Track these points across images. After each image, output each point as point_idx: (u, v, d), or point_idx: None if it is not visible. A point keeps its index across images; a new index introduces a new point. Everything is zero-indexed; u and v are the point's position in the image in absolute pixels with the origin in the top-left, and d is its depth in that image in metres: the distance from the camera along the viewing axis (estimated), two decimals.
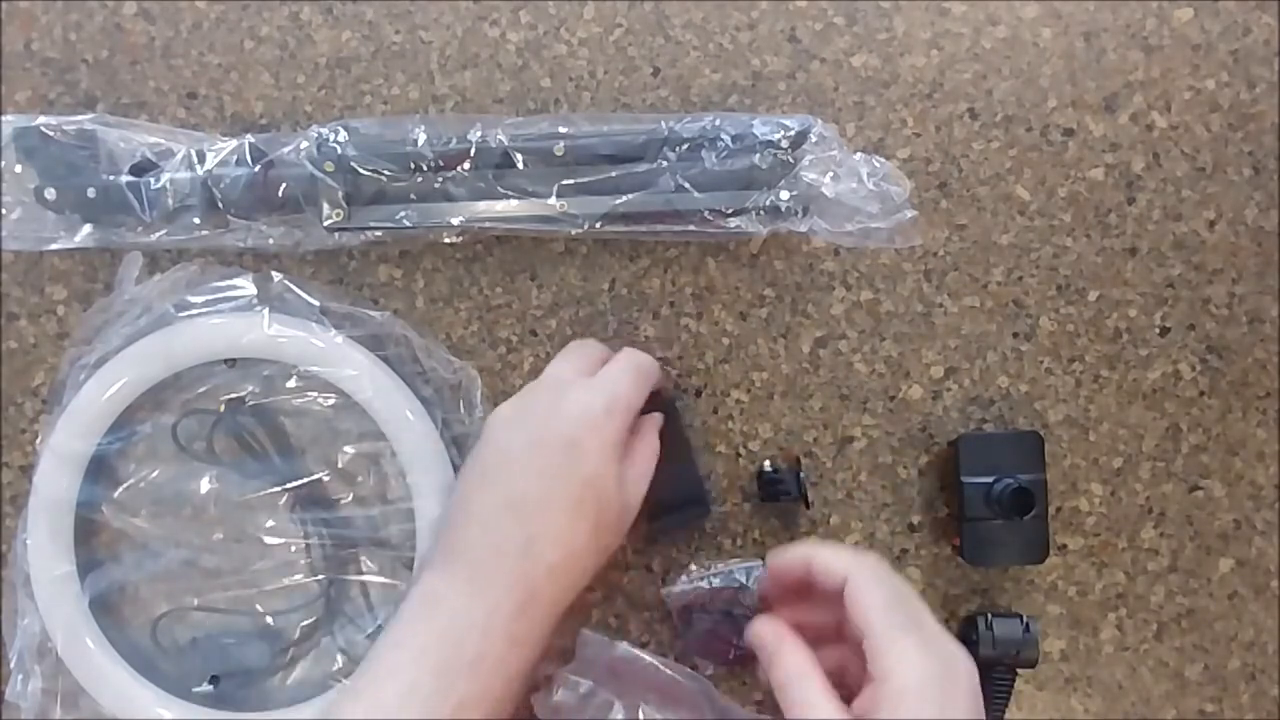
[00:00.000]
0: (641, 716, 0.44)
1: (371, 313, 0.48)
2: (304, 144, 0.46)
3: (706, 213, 0.45)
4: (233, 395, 0.48)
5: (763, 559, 0.48)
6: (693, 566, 0.48)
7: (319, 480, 0.49)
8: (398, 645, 0.38)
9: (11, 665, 0.47)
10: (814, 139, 0.45)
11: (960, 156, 0.49)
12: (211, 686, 0.48)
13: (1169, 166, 0.49)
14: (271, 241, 0.47)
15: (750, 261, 0.49)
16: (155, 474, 0.49)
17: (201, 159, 0.46)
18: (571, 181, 0.45)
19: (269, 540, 0.49)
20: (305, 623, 0.49)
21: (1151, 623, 0.49)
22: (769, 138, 0.45)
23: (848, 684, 0.36)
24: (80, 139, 0.47)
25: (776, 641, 0.38)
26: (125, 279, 0.48)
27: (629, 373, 0.43)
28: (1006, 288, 0.49)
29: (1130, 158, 0.49)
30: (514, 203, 0.46)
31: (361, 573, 0.49)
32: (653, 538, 0.49)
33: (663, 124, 0.46)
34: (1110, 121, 0.49)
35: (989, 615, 0.47)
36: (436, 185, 0.46)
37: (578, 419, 0.40)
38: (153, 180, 0.46)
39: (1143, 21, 0.49)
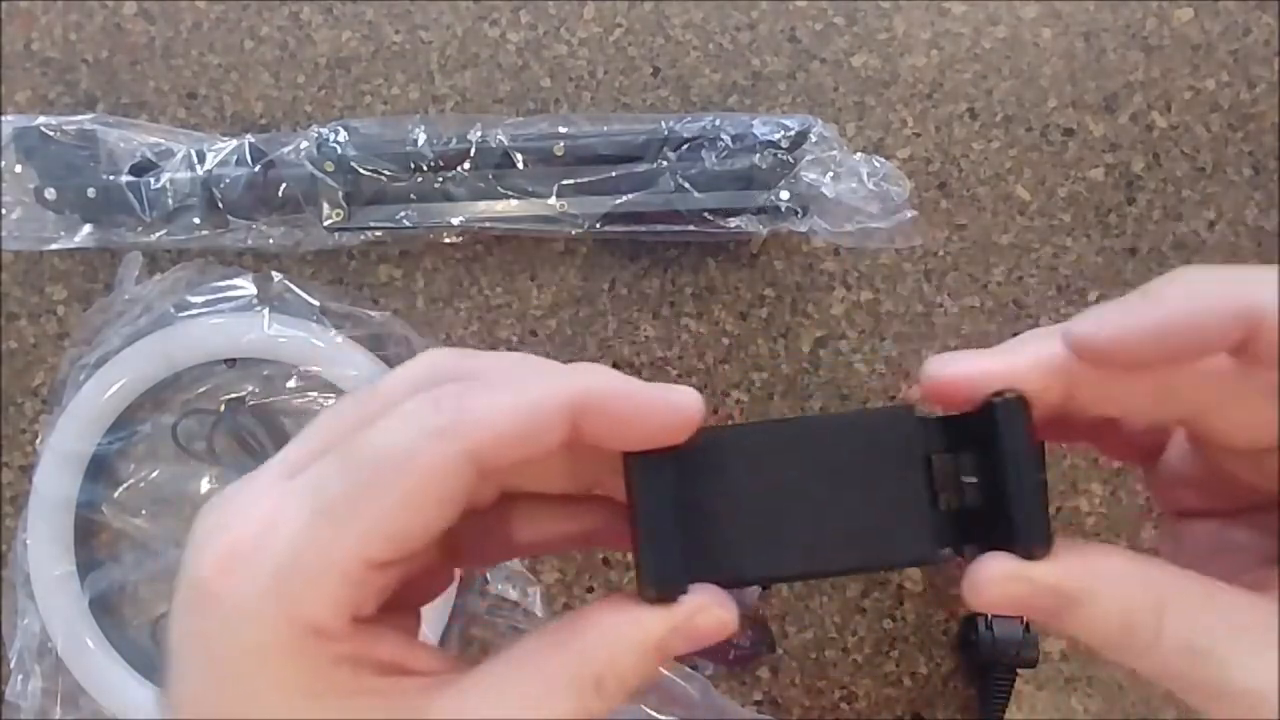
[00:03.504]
0: (642, 717, 0.44)
1: (371, 313, 0.48)
2: (304, 144, 0.46)
3: (706, 213, 0.45)
4: (233, 395, 0.48)
5: None
6: None
7: None
8: None
9: (11, 665, 0.47)
10: (814, 139, 0.45)
11: (960, 156, 0.49)
12: None
13: (1169, 166, 0.49)
14: (271, 241, 0.47)
15: (750, 261, 0.49)
16: (155, 474, 0.49)
17: (201, 159, 0.46)
18: (571, 181, 0.45)
19: None
20: None
21: None
22: (769, 138, 0.45)
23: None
24: (80, 139, 0.47)
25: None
26: (125, 279, 0.48)
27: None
28: (1006, 288, 0.49)
29: (1130, 158, 0.49)
30: (514, 203, 0.46)
31: None
32: None
33: (663, 124, 0.45)
34: (1110, 121, 0.49)
35: (989, 615, 0.47)
36: (436, 185, 0.46)
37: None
38: (153, 180, 0.46)
39: (1143, 21, 0.49)
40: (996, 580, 0.19)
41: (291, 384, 0.48)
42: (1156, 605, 0.18)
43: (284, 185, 0.46)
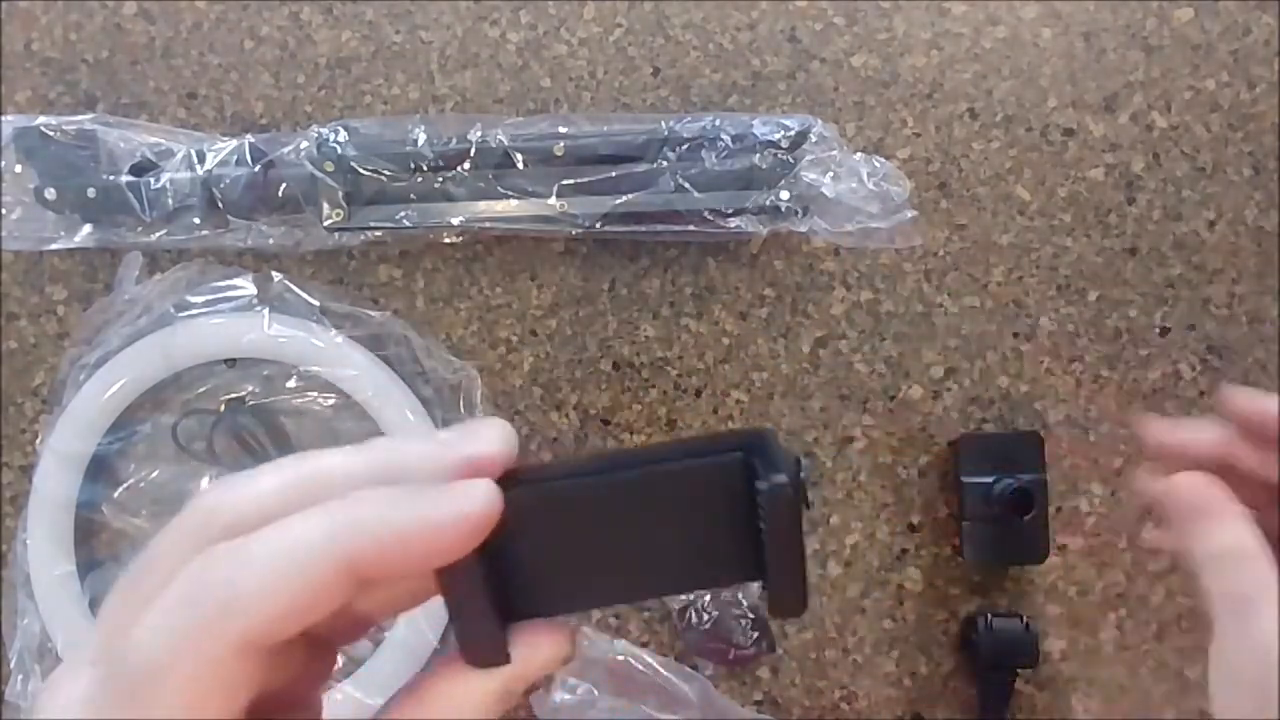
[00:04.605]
0: (642, 717, 0.44)
1: (371, 313, 0.48)
2: (304, 144, 0.46)
3: (706, 213, 0.45)
4: (233, 395, 0.48)
5: None
6: None
7: None
8: None
9: (11, 665, 0.47)
10: (814, 139, 0.45)
11: (960, 156, 0.49)
12: None
13: (1169, 166, 0.49)
14: (271, 241, 0.47)
15: (750, 261, 0.49)
16: (155, 474, 0.49)
17: (201, 159, 0.46)
18: (571, 181, 0.45)
19: None
20: None
21: (1151, 623, 0.49)
22: (769, 138, 0.45)
23: None
24: (80, 139, 0.47)
25: (1213, 503, 0.27)
26: (125, 279, 0.48)
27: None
28: (1006, 288, 0.49)
29: (1130, 158, 0.49)
30: (514, 203, 0.46)
31: None
32: None
33: (663, 124, 0.45)
34: (1110, 121, 0.49)
35: (989, 615, 0.47)
36: (436, 185, 0.46)
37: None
38: (153, 180, 0.46)
39: (1143, 21, 0.49)
40: None
41: (291, 384, 0.48)
42: None
43: (284, 185, 0.46)
